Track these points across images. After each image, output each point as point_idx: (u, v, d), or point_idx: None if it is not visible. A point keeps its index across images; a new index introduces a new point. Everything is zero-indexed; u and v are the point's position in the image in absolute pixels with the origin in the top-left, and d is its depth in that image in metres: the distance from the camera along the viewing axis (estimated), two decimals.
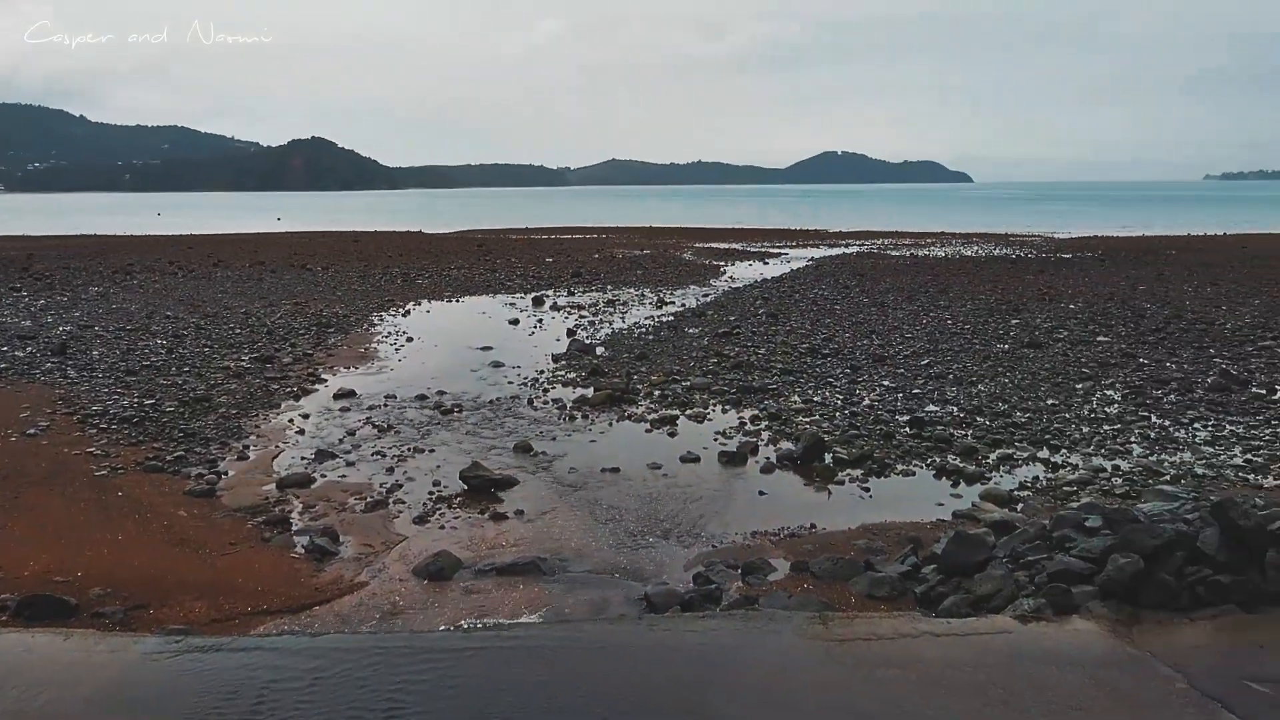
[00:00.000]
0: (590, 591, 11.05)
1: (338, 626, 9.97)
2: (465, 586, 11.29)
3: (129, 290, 42.90)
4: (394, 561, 12.15)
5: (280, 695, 7.48)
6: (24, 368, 24.24)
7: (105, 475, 15.36)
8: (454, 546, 12.41)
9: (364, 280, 48.41)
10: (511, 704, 7.26)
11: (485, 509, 14.20)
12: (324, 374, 24.84)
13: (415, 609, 10.59)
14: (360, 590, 11.17)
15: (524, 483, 15.52)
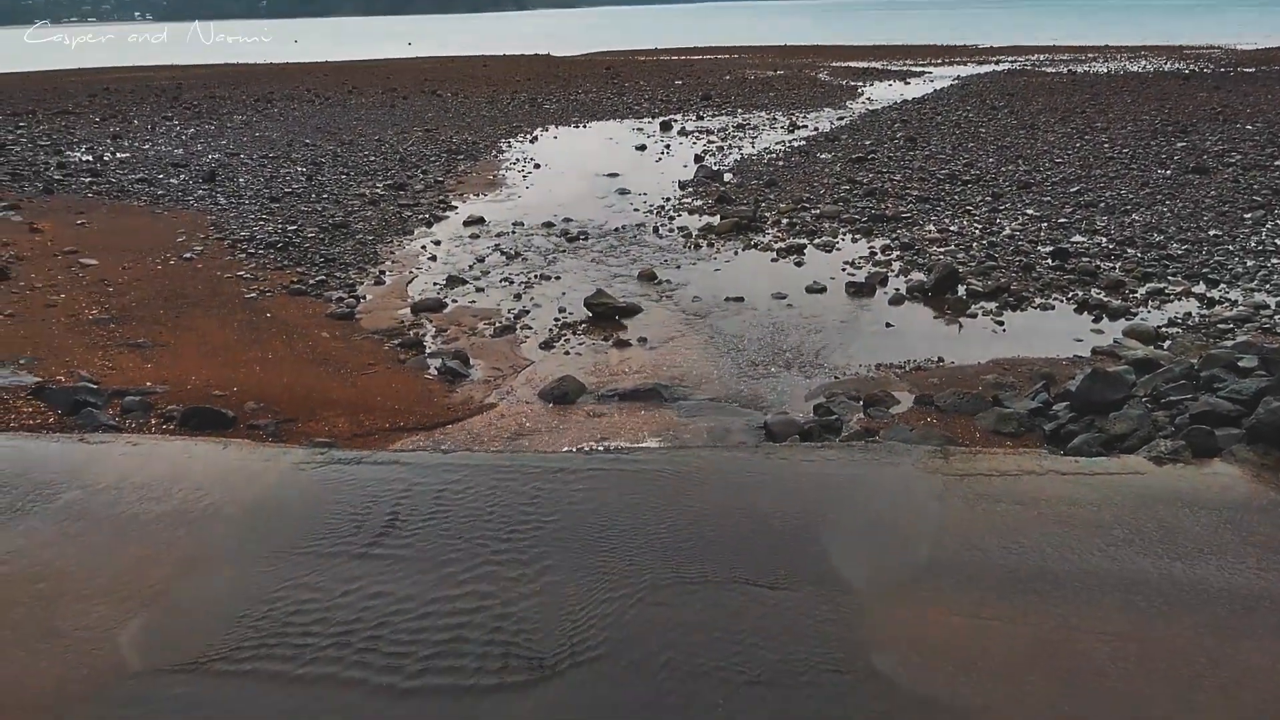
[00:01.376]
0: (710, 419, 11.21)
1: (468, 445, 10.47)
2: (588, 410, 11.62)
3: (270, 119, 44.09)
4: (521, 385, 12.57)
5: (416, 505, 8.00)
6: (178, 194, 25.51)
7: (254, 298, 16.25)
8: (578, 372, 12.72)
9: (492, 106, 48.26)
10: (630, 523, 7.55)
11: (609, 336, 14.42)
12: (454, 201, 25.23)
13: (541, 431, 11.00)
14: (489, 411, 11.64)
15: (647, 311, 15.62)
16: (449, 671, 5.89)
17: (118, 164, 30.55)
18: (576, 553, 7.11)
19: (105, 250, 18.90)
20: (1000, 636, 6.02)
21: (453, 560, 7.08)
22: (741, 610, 6.35)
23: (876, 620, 6.19)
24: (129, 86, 62.34)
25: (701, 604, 6.43)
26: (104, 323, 14.48)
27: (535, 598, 6.55)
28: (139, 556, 7.19)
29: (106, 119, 44.07)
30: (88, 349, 13.24)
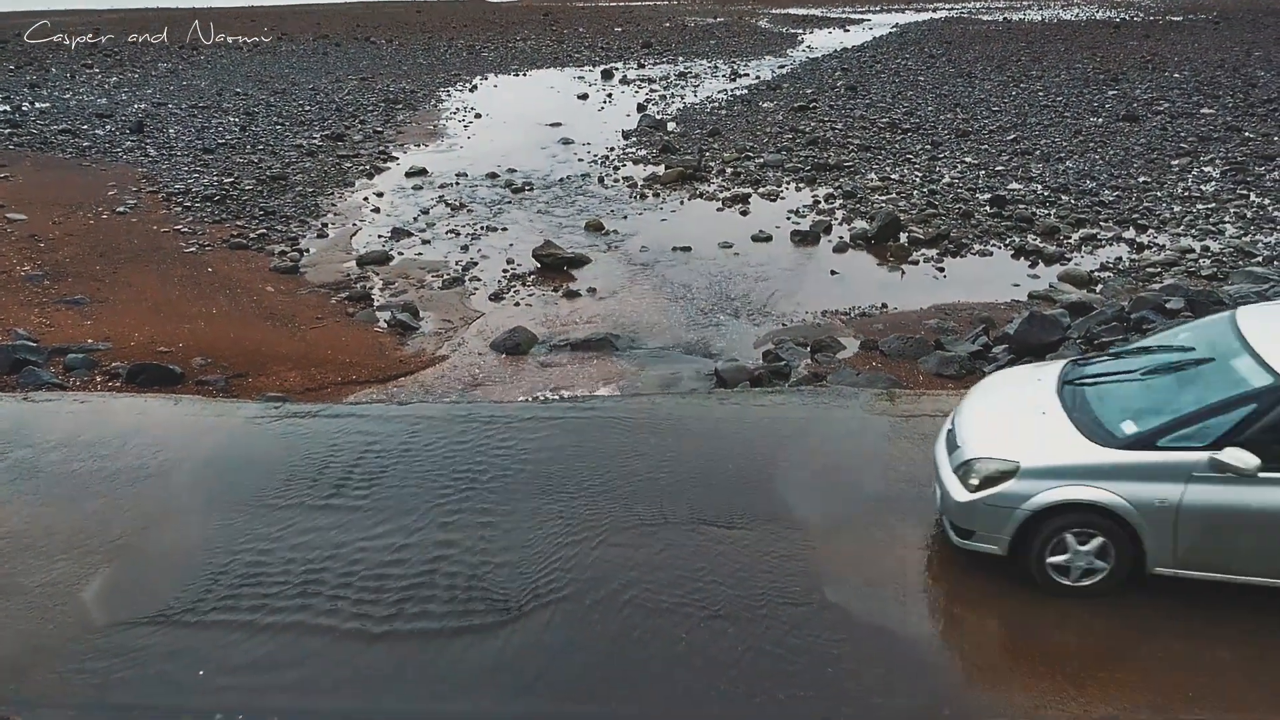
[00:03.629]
0: (662, 367, 11.37)
1: (423, 397, 10.50)
2: (541, 361, 11.70)
3: (197, 66, 42.65)
4: (472, 336, 12.58)
5: (376, 456, 8.05)
6: (105, 146, 24.68)
7: (194, 252, 15.91)
8: (529, 323, 12.76)
9: (429, 54, 47.26)
10: (588, 470, 7.71)
11: (558, 287, 14.46)
12: (394, 151, 24.82)
13: (494, 382, 11.06)
14: (442, 363, 11.66)
15: (596, 261, 15.67)
16: (417, 617, 6.02)
17: (38, 114, 29.38)
18: (537, 499, 7.26)
19: (33, 204, 18.28)
20: (945, 564, 6.35)
21: (414, 509, 7.18)
22: (700, 549, 6.57)
23: (830, 555, 6.47)
24: (42, 34, 59.60)
25: (661, 544, 6.63)
26: (37, 279, 14.09)
27: (498, 543, 6.70)
28: (97, 512, 7.16)
29: (21, 67, 42.20)
30: (22, 306, 12.90)
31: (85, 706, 5.28)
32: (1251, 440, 5.53)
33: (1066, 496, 5.87)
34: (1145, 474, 5.76)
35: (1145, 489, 5.75)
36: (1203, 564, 5.82)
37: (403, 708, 5.30)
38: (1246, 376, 5.83)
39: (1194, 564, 5.82)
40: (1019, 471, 6.02)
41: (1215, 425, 5.68)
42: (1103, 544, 5.88)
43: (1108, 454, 5.87)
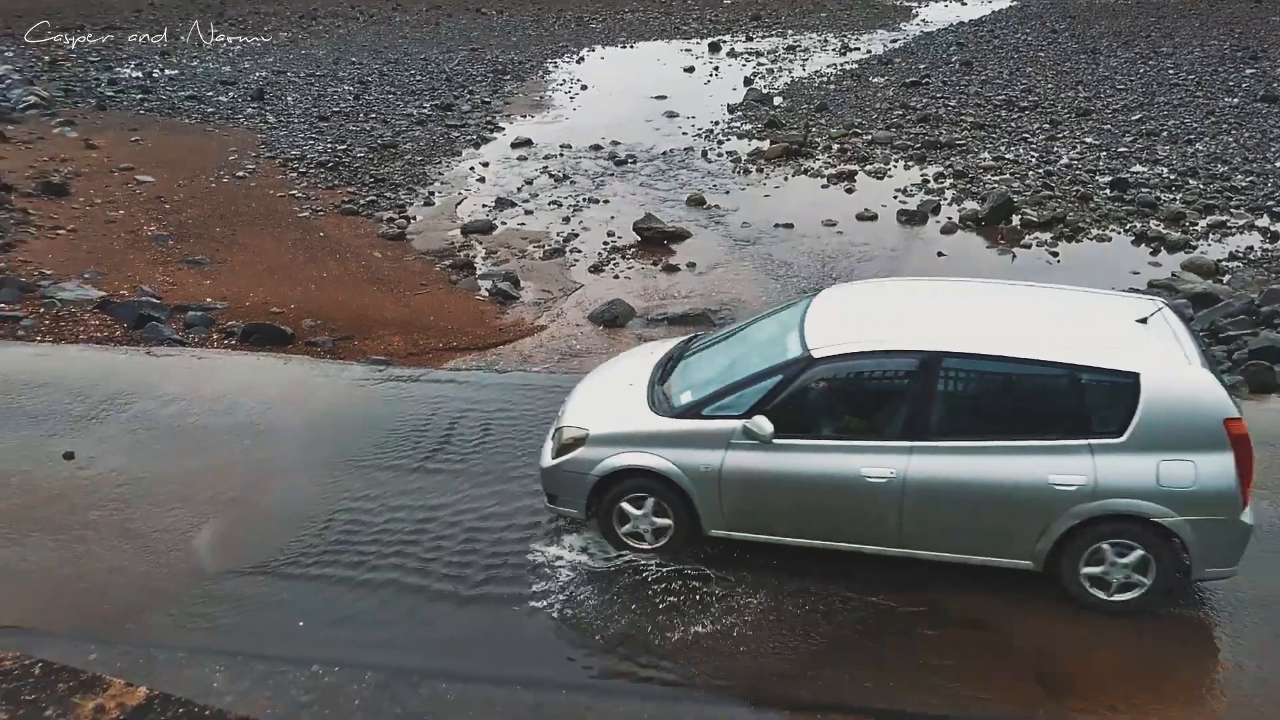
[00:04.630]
0: None
1: (520, 365, 10.64)
2: (638, 334, 11.70)
3: (315, 35, 43.83)
4: (571, 307, 12.67)
5: (474, 422, 8.20)
6: (228, 112, 25.61)
7: (307, 217, 16.42)
8: (627, 295, 12.78)
9: (538, 25, 47.52)
10: None
11: (658, 260, 14.42)
12: (501, 122, 25.08)
13: (591, 353, 11.11)
14: (540, 333, 11.78)
15: (696, 235, 15.57)
16: (509, 582, 6.12)
17: (167, 81, 30.66)
18: None
19: (160, 167, 19.12)
20: None
21: (510, 476, 7.29)
22: None
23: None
24: (175, 2, 62.13)
25: None
26: (163, 239, 14.75)
27: None
28: (209, 465, 7.48)
29: (153, 35, 44.07)
30: (148, 264, 13.53)
31: (195, 650, 5.53)
32: (775, 409, 5.88)
33: (626, 462, 6.18)
34: (692, 441, 6.09)
35: (693, 455, 6.08)
36: (748, 526, 6.21)
37: (490, 672, 5.40)
38: (785, 350, 6.16)
39: (741, 526, 6.21)
40: (588, 439, 6.32)
41: (749, 395, 6.01)
42: (659, 507, 6.25)
43: (662, 422, 6.21)
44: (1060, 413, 5.70)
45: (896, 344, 5.92)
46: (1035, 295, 6.84)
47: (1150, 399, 5.47)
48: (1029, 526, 5.69)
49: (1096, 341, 5.79)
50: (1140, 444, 5.48)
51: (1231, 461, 5.41)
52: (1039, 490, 5.59)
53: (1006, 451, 5.66)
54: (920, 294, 6.85)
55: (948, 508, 5.78)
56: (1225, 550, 5.57)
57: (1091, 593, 5.76)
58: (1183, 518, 5.46)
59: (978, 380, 5.89)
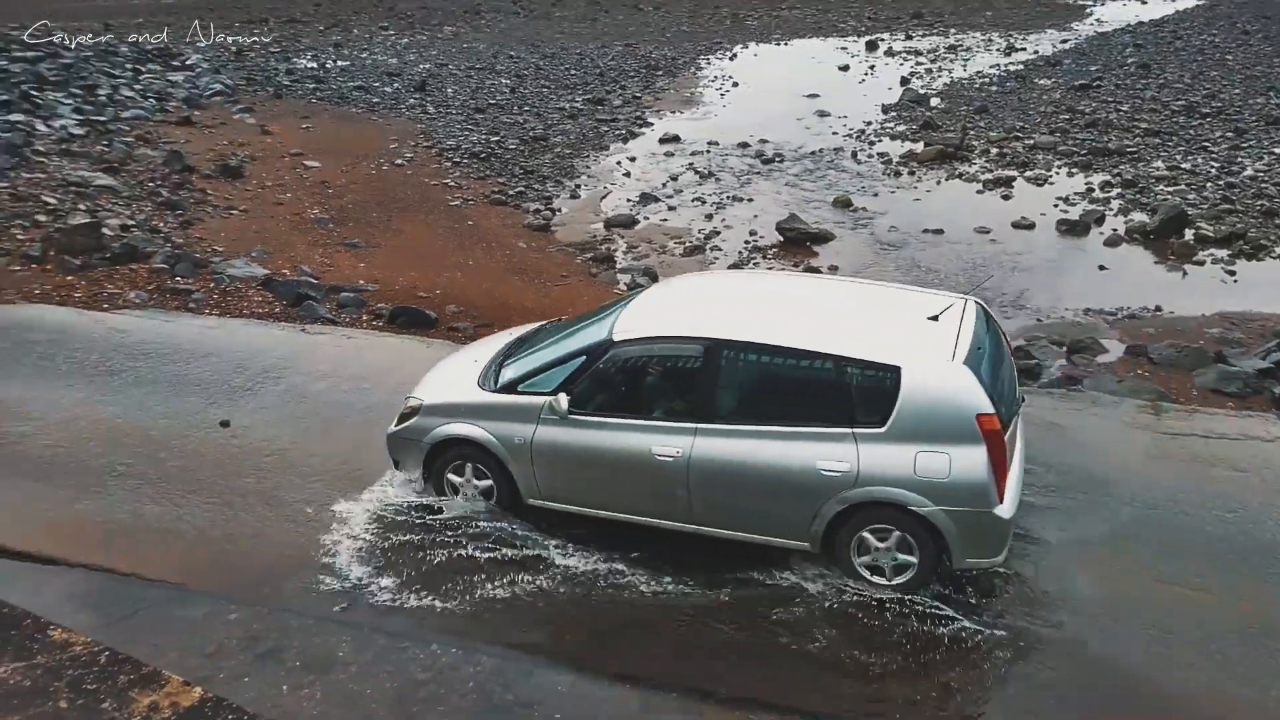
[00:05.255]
0: None
1: None
2: None
3: (477, 30, 45.23)
4: None
5: None
6: (392, 102, 26.71)
7: (458, 205, 16.94)
8: None
9: (693, 21, 47.56)
10: None
11: (799, 261, 14.18)
12: (651, 117, 25.22)
13: None
14: None
15: (840, 238, 15.23)
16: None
17: (339, 72, 32.23)
18: None
19: (327, 154, 20.12)
20: (1212, 612, 5.67)
21: None
22: None
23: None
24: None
25: None
26: (324, 222, 15.50)
27: None
28: (351, 440, 7.78)
29: (329, 28, 46.43)
30: (309, 246, 14.25)
31: (323, 618, 5.76)
32: (579, 387, 6.26)
33: (452, 432, 6.62)
34: (508, 415, 6.47)
35: (508, 428, 6.46)
36: (558, 497, 6.53)
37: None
38: (598, 334, 6.46)
39: (553, 496, 6.53)
40: (422, 409, 6.77)
41: (558, 374, 6.39)
42: (477, 470, 6.70)
43: (484, 396, 6.62)
44: (828, 402, 5.91)
45: (684, 331, 6.31)
46: (850, 291, 7.13)
47: (909, 392, 5.66)
48: (802, 509, 5.92)
49: (873, 336, 6.00)
50: (899, 435, 5.68)
51: (984, 455, 5.54)
52: (808, 475, 5.82)
53: (780, 437, 5.91)
54: (739, 287, 7.40)
55: (729, 488, 6.06)
56: (982, 541, 5.71)
57: (873, 580, 5.96)
58: (938, 507, 5.62)
59: (755, 368, 6.15)
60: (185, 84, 26.82)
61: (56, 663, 4.66)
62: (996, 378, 5.91)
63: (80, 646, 4.79)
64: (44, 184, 15.56)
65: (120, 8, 55.62)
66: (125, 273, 11.92)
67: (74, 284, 11.64)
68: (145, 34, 35.52)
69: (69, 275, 11.89)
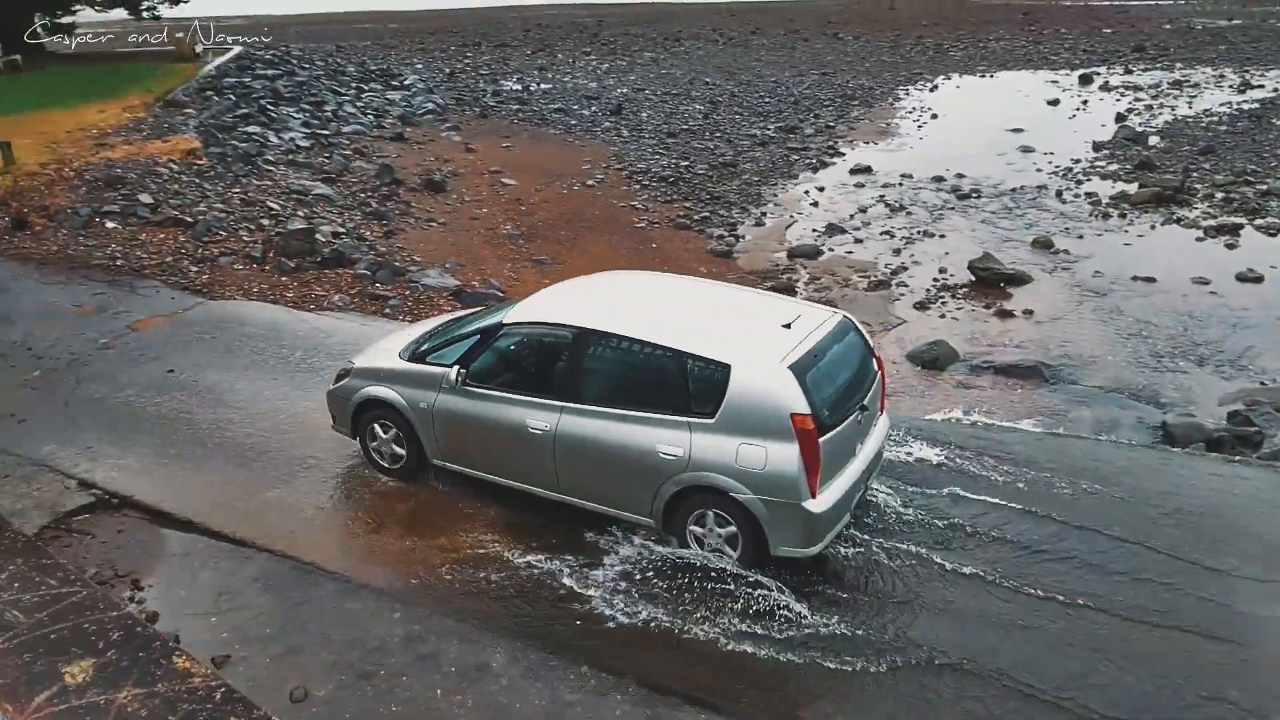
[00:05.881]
0: (1096, 408, 10.14)
1: None
2: (959, 380, 11.00)
3: (676, 56, 46.02)
4: (890, 343, 12.18)
5: None
6: (588, 125, 27.51)
7: (643, 228, 17.17)
8: (952, 337, 12.06)
9: (894, 51, 46.61)
10: (981, 502, 7.08)
11: (991, 304, 13.49)
12: (843, 147, 24.81)
13: (904, 393, 10.60)
14: None
15: (1038, 281, 14.40)
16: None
17: (541, 94, 33.55)
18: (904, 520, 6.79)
19: (523, 172, 20.91)
20: None
21: None
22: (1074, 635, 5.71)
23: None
24: (558, 22, 68.02)
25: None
26: (515, 238, 16.07)
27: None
28: None
29: (536, 52, 48.50)
30: (499, 260, 14.79)
31: (478, 627, 5.86)
32: (475, 362, 7.01)
33: (372, 393, 7.46)
34: (416, 381, 7.26)
35: (417, 394, 7.24)
36: (455, 459, 7.30)
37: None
38: (497, 316, 7.39)
39: (451, 458, 7.31)
40: (352, 371, 7.71)
41: (459, 349, 7.19)
42: (397, 435, 7.44)
43: (399, 364, 7.44)
44: (669, 391, 6.41)
45: (558, 319, 6.96)
46: (731, 296, 7.66)
47: (736, 388, 6.13)
48: (645, 487, 6.44)
49: (718, 335, 6.45)
50: (726, 427, 6.15)
51: (796, 452, 5.96)
52: (650, 456, 6.35)
53: (629, 420, 6.46)
54: (635, 285, 7.96)
55: (587, 462, 6.67)
56: (794, 532, 6.10)
57: (704, 559, 6.39)
58: (755, 496, 6.09)
59: (613, 355, 6.69)
60: (401, 102, 28.61)
61: (174, 694, 4.80)
62: (831, 385, 6.34)
63: (199, 679, 4.91)
64: (270, 191, 16.90)
65: (349, 31, 60.05)
66: (332, 276, 12.73)
67: (287, 284, 12.54)
68: (367, 57, 38.19)
69: (283, 276, 12.83)
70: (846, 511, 6.36)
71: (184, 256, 13.55)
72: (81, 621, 5.30)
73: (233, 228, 14.78)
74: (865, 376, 6.75)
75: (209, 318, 11.00)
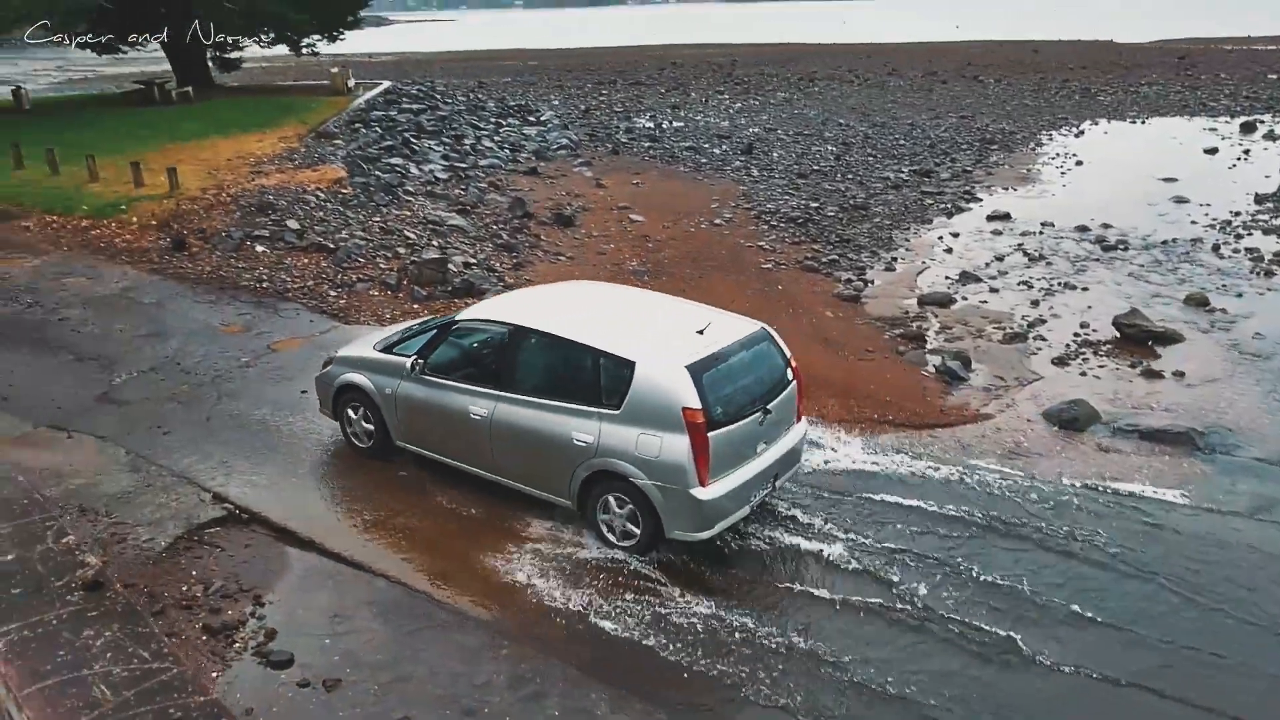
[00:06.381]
0: (1255, 482, 9.36)
1: (956, 453, 9.92)
2: (1099, 443, 10.36)
3: (809, 97, 45.77)
4: (1024, 399, 11.61)
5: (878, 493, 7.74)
6: (718, 164, 27.55)
7: (770, 269, 16.98)
8: (1093, 397, 11.39)
9: (1037, 95, 45.13)
10: (1123, 586, 6.60)
11: (1137, 363, 12.72)
12: (980, 193, 24.06)
13: (1039, 454, 10.05)
14: (984, 422, 10.92)
15: (1191, 341, 13.51)
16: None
17: (673, 132, 33.84)
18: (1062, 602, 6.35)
19: (651, 209, 21.05)
20: None
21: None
22: None
23: None
24: (692, 61, 68.76)
25: None
26: (640, 274, 16.13)
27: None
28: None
29: (669, 91, 49.05)
30: None
31: (584, 671, 5.75)
32: (432, 354, 8.09)
33: (347, 379, 8.60)
34: (383, 370, 8.31)
35: (383, 380, 8.28)
36: (413, 441, 8.30)
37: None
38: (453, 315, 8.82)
39: (411, 441, 8.30)
40: (334, 360, 8.89)
41: (418, 342, 8.36)
42: (366, 415, 8.51)
43: (369, 353, 8.57)
44: (585, 385, 7.24)
45: (499, 317, 7.98)
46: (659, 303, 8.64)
47: (638, 383, 6.90)
48: (562, 471, 7.32)
49: (633, 337, 7.24)
50: (630, 417, 6.93)
51: (686, 443, 6.70)
52: (566, 442, 7.22)
53: (551, 409, 7.35)
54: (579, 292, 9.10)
55: (515, 446, 7.60)
56: (685, 516, 6.83)
57: (607, 536, 7.31)
58: (651, 482, 6.84)
59: (541, 351, 7.64)
60: (536, 137, 29.35)
61: None
62: (729, 386, 7.06)
63: None
64: (408, 220, 17.51)
65: (492, 68, 62.19)
66: (461, 306, 13.02)
67: (418, 312, 12.90)
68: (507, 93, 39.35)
69: (415, 303, 13.21)
70: (744, 505, 7.08)
71: (324, 281, 14.13)
72: (167, 706, 5.40)
73: (371, 255, 15.34)
74: (772, 383, 7.47)
75: (343, 341, 11.39)
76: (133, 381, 10.06)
